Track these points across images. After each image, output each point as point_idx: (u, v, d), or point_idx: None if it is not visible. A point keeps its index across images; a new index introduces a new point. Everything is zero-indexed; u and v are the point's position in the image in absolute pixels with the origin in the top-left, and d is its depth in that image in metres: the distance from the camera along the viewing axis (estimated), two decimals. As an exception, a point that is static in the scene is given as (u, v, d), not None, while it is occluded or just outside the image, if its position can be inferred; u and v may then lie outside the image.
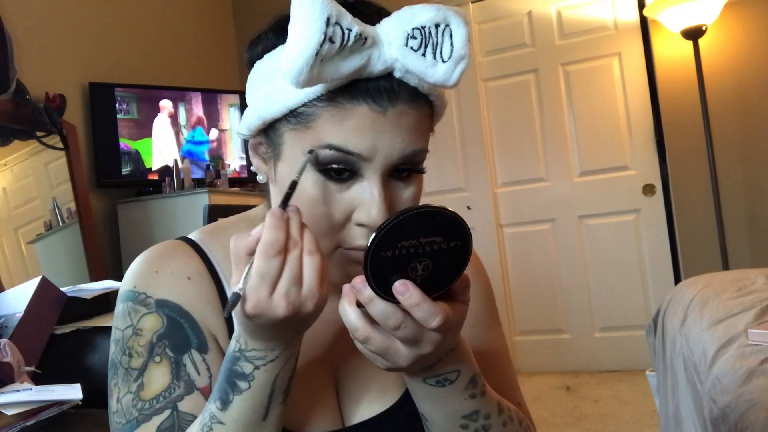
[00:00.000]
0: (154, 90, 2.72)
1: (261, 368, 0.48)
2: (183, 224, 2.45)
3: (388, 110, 0.50)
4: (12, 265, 2.03)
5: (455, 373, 0.52)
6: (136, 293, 0.57)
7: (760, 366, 1.09)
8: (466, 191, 3.27)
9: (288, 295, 0.44)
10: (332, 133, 0.50)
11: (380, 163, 0.51)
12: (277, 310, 0.44)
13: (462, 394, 0.53)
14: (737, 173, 2.79)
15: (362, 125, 0.49)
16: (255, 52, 0.56)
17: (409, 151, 0.52)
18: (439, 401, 0.53)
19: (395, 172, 0.53)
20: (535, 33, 3.19)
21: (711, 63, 2.76)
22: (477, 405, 0.54)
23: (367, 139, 0.49)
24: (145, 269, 0.58)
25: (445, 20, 0.49)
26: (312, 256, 0.45)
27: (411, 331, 0.45)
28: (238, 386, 0.48)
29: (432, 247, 0.44)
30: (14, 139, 2.10)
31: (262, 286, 0.43)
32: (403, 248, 0.43)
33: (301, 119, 0.51)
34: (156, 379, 0.54)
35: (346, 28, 0.46)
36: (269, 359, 0.48)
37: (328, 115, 0.50)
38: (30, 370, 1.16)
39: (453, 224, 0.44)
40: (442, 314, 0.45)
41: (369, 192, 0.51)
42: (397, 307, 0.45)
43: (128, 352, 0.55)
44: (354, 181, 0.52)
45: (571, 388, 2.85)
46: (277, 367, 0.48)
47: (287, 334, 0.47)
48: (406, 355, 0.47)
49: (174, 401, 0.53)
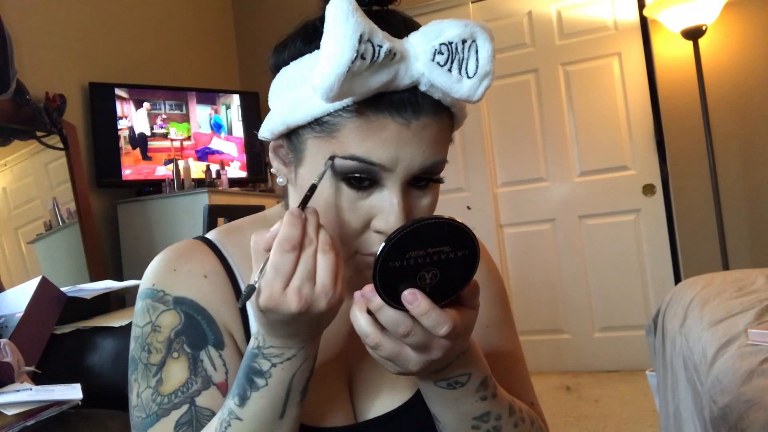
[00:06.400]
0: (154, 90, 2.72)
1: (278, 366, 0.49)
2: (183, 224, 2.45)
3: (411, 123, 0.50)
4: (12, 265, 2.03)
5: (466, 376, 0.53)
6: (154, 291, 0.59)
7: (760, 366, 1.09)
8: (466, 191, 3.27)
9: (301, 291, 0.45)
10: (356, 144, 0.50)
11: (401, 173, 0.51)
12: (290, 305, 0.44)
13: (473, 396, 0.53)
14: (737, 173, 2.79)
15: (386, 137, 0.50)
16: (281, 58, 0.57)
17: (429, 163, 0.52)
18: (450, 403, 0.54)
19: (414, 180, 0.54)
20: (535, 33, 3.19)
21: (711, 63, 2.76)
22: (488, 406, 0.54)
23: (390, 151, 0.50)
24: (164, 268, 0.60)
25: (472, 36, 0.50)
26: (327, 255, 0.46)
27: (420, 338, 0.46)
28: (256, 383, 0.49)
29: (440, 256, 0.45)
30: (14, 139, 2.10)
31: (276, 279, 0.45)
32: (411, 258, 0.44)
33: (326, 128, 0.52)
34: (174, 375, 0.55)
35: (377, 45, 0.46)
36: (286, 357, 0.49)
37: (353, 126, 0.50)
38: (30, 370, 1.16)
39: (460, 234, 0.45)
40: (450, 322, 0.45)
41: (389, 201, 0.52)
42: (406, 314, 0.46)
43: (147, 348, 0.57)
44: (374, 189, 0.53)
45: (571, 388, 2.85)
46: (294, 366, 0.49)
47: (303, 332, 0.48)
48: (416, 361, 0.48)
49: (192, 396, 0.55)
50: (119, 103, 2.56)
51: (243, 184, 2.97)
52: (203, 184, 2.67)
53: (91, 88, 2.49)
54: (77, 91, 2.46)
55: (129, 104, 2.61)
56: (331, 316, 0.48)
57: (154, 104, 2.70)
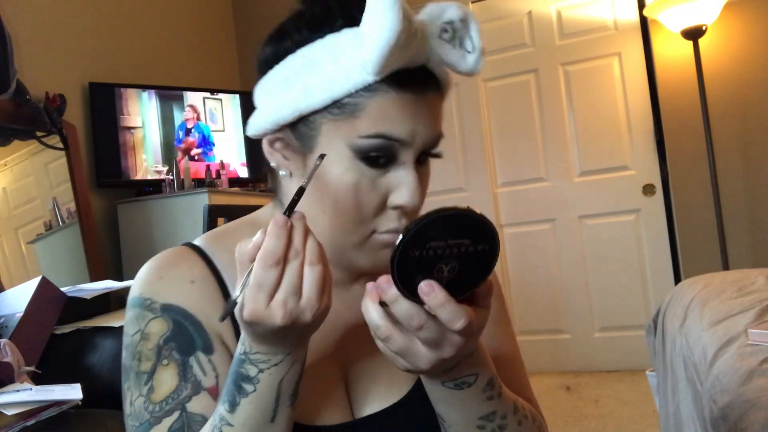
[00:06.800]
0: (154, 90, 2.72)
1: (265, 371, 0.48)
2: (183, 224, 2.45)
3: (422, 97, 0.54)
4: (12, 265, 2.03)
5: (473, 377, 0.52)
6: (142, 299, 0.59)
7: (760, 366, 1.09)
8: (466, 191, 3.27)
9: (285, 305, 0.44)
10: (379, 122, 0.52)
11: (417, 147, 0.54)
12: (274, 319, 0.44)
13: (479, 396, 0.53)
14: (737, 173, 2.79)
15: (405, 112, 0.53)
16: (282, 47, 0.57)
17: (437, 136, 0.56)
18: (456, 403, 0.53)
19: (419, 156, 0.56)
20: (535, 33, 3.19)
21: (711, 63, 2.76)
22: (494, 406, 0.54)
23: (410, 125, 0.53)
24: (151, 276, 0.60)
25: (466, 16, 0.54)
26: (313, 267, 0.45)
27: (433, 333, 0.45)
28: (244, 389, 0.49)
29: (459, 249, 0.44)
30: (14, 139, 2.10)
31: (259, 295, 0.44)
32: (430, 249, 0.43)
33: (346, 109, 0.53)
34: (164, 382, 0.55)
35: (414, 20, 0.50)
36: (273, 363, 0.48)
37: (376, 104, 0.52)
38: (30, 370, 1.16)
39: (482, 227, 0.44)
40: (466, 317, 0.44)
41: (406, 176, 0.54)
42: (420, 307, 0.45)
43: (138, 357, 0.57)
44: (390, 166, 0.54)
45: (571, 388, 2.85)
46: (281, 371, 0.49)
47: (289, 340, 0.48)
48: (427, 357, 0.47)
49: (182, 402, 0.54)
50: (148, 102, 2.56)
51: (243, 184, 2.97)
52: (203, 184, 2.68)
53: (91, 88, 2.49)
54: (77, 91, 2.46)
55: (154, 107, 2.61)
56: (317, 326, 0.48)
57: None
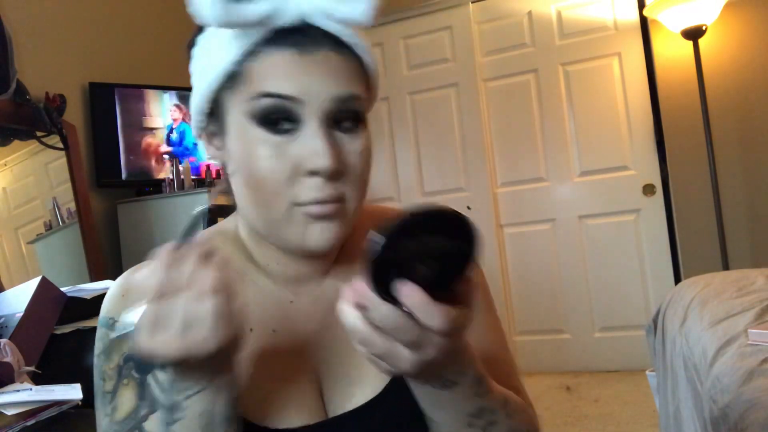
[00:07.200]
0: (154, 90, 2.72)
1: (193, 398, 0.48)
2: (183, 224, 2.45)
3: (313, 54, 0.53)
4: (12, 265, 2.03)
5: (460, 376, 0.51)
6: (106, 319, 0.59)
7: (760, 366, 1.10)
8: (466, 191, 3.27)
9: (182, 338, 0.43)
10: (265, 83, 0.52)
11: (316, 105, 0.53)
12: (168, 352, 0.43)
13: (467, 394, 0.52)
14: (737, 173, 2.79)
15: (291, 70, 0.52)
16: (191, 43, 0.60)
17: (342, 94, 0.53)
18: (444, 403, 0.52)
19: (336, 123, 0.54)
20: (535, 33, 3.19)
21: (711, 63, 2.76)
22: (483, 403, 0.53)
23: (297, 81, 0.52)
24: (114, 295, 0.60)
25: None
26: (209, 297, 0.43)
27: (413, 335, 0.44)
28: (175, 416, 0.48)
29: (436, 247, 0.43)
30: (14, 139, 2.10)
31: (149, 329, 0.43)
32: (405, 249, 0.42)
33: (238, 79, 0.54)
34: (125, 402, 0.55)
35: None
36: (196, 390, 0.47)
37: (258, 66, 0.53)
38: (30, 370, 1.16)
39: (457, 224, 0.43)
40: (446, 317, 0.43)
41: (312, 137, 0.52)
42: (399, 309, 0.43)
43: (102, 377, 0.57)
44: (296, 132, 0.53)
45: (571, 388, 2.85)
46: (207, 397, 0.48)
47: (202, 370, 0.46)
48: (408, 360, 0.45)
49: (140, 422, 0.54)
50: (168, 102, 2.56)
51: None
52: (203, 184, 2.67)
53: (91, 88, 2.49)
54: (77, 91, 2.46)
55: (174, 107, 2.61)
56: (237, 349, 0.47)
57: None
